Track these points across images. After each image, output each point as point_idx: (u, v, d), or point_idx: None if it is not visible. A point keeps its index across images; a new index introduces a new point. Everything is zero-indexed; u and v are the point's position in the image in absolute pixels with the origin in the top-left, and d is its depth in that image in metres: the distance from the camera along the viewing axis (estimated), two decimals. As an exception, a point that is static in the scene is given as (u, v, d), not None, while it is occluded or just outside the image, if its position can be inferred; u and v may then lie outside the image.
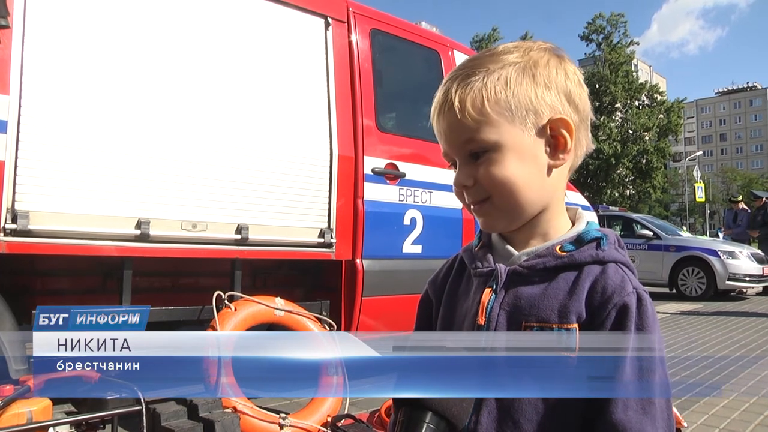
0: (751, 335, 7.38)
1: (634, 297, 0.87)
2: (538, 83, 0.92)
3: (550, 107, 0.92)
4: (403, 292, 4.64)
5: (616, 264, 0.92)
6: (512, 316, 0.92)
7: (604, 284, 0.88)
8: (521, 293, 0.92)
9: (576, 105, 0.95)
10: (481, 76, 0.91)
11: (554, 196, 0.97)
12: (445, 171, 5.01)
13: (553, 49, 0.97)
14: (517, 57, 0.93)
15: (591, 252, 0.92)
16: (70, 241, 3.25)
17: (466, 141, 0.93)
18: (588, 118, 0.98)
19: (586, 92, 0.98)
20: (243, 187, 3.84)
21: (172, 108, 3.64)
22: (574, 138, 0.93)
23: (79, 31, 3.35)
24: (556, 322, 0.88)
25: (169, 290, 4.19)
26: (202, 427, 3.10)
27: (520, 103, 0.90)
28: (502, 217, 0.95)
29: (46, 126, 3.17)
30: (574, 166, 0.98)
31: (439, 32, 5.59)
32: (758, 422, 3.92)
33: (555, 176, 0.95)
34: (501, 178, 0.91)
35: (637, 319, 0.85)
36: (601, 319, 0.86)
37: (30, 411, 2.58)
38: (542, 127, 0.92)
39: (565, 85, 0.94)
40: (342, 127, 4.36)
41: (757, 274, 11.81)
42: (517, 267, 0.94)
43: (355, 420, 3.50)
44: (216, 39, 3.90)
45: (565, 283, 0.90)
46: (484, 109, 0.90)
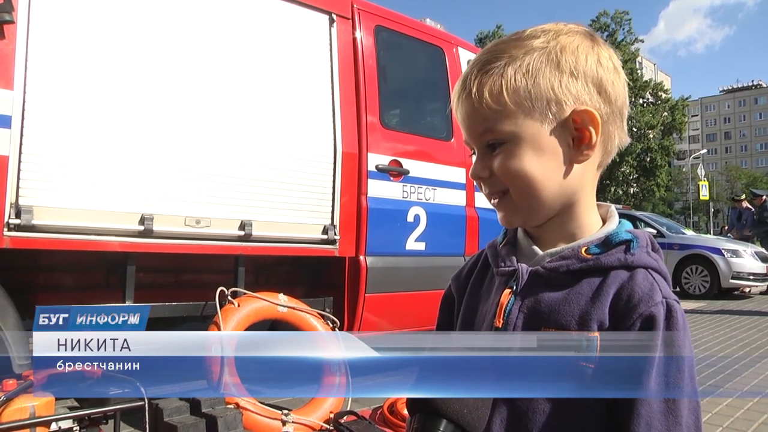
0: (754, 334, 7.36)
1: (663, 307, 0.80)
2: (563, 71, 0.84)
3: (575, 97, 0.85)
4: (407, 289, 4.64)
5: (646, 270, 0.84)
6: (531, 320, 0.86)
7: (631, 291, 0.82)
8: (542, 297, 0.87)
9: (608, 95, 0.87)
10: (502, 63, 0.85)
11: (579, 192, 0.89)
12: (448, 168, 5.01)
13: (585, 32, 0.89)
14: (543, 42, 0.86)
15: (619, 256, 0.85)
16: (74, 236, 3.25)
17: (483, 131, 0.88)
18: (623, 109, 0.90)
19: (623, 80, 0.90)
20: (246, 184, 3.84)
21: (177, 104, 3.63)
22: (600, 131, 0.86)
23: (83, 27, 3.35)
24: (576, 329, 0.82)
25: (172, 286, 4.19)
26: (205, 423, 3.11)
27: (540, 93, 0.84)
28: (519, 213, 0.90)
29: (50, 121, 3.17)
30: (605, 161, 0.92)
31: (443, 29, 5.58)
32: (762, 421, 3.91)
33: (579, 172, 0.88)
34: (516, 172, 0.86)
35: (664, 333, 0.79)
36: (625, 329, 0.80)
37: (33, 406, 2.59)
38: (565, 119, 0.85)
39: (596, 72, 0.86)
40: (346, 123, 4.36)
41: (761, 273, 11.79)
42: (539, 268, 0.89)
43: (357, 417, 3.50)
44: (220, 35, 3.89)
45: (589, 288, 0.84)
46: (502, 98, 0.84)
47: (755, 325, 8.06)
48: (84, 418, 2.70)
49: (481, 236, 5.18)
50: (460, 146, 5.14)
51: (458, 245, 5.05)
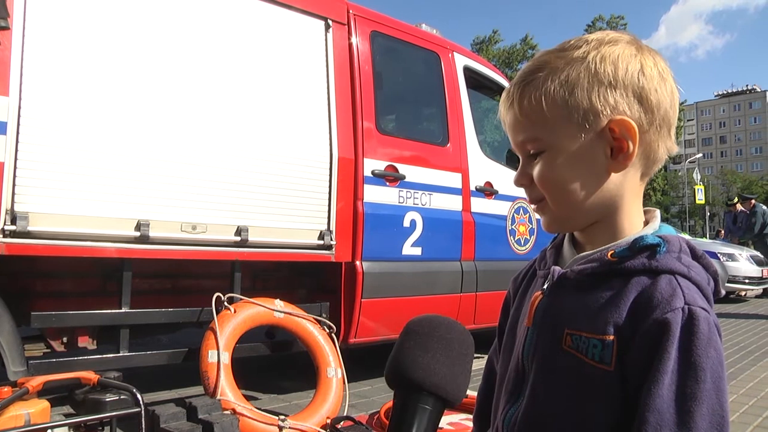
0: (750, 337, 7.38)
1: (682, 314, 0.76)
2: (601, 82, 0.84)
3: (612, 108, 0.84)
4: (403, 294, 4.64)
5: (673, 275, 0.81)
6: (556, 322, 0.87)
7: (650, 296, 0.79)
8: (567, 299, 0.88)
9: (649, 104, 0.85)
10: (543, 74, 0.87)
11: (619, 200, 0.88)
12: (444, 173, 5.02)
13: (629, 40, 0.89)
14: (583, 52, 0.86)
15: (643, 260, 0.82)
16: (70, 242, 3.25)
17: (523, 141, 0.90)
18: (668, 118, 0.88)
19: (669, 86, 0.87)
20: (243, 189, 3.84)
21: (172, 110, 3.64)
22: (639, 141, 0.85)
23: (79, 33, 3.35)
24: (591, 332, 0.81)
25: (168, 292, 4.19)
26: (201, 429, 3.09)
27: (577, 104, 0.84)
28: (556, 220, 0.91)
29: (46, 127, 3.17)
30: (650, 170, 0.91)
31: (439, 34, 5.60)
32: (757, 424, 3.92)
33: (617, 180, 0.87)
34: (551, 181, 0.87)
35: (682, 340, 0.74)
36: (639, 334, 0.77)
37: (28, 413, 2.58)
38: (602, 129, 0.85)
39: (637, 81, 0.85)
40: (342, 129, 4.37)
41: (757, 276, 11.81)
42: (567, 271, 0.89)
43: (354, 422, 3.49)
44: (216, 41, 3.90)
45: (611, 292, 0.83)
46: (541, 109, 0.86)
47: (751, 329, 8.08)
48: (80, 425, 2.69)
49: (478, 241, 5.19)
50: (456, 151, 5.15)
51: (454, 250, 5.06)
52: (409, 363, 0.74)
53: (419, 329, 0.78)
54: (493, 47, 53.86)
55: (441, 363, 0.73)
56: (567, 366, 0.83)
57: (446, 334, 0.77)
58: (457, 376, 0.75)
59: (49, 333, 3.57)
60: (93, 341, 3.68)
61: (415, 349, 0.75)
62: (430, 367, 0.73)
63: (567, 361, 0.83)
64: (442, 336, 0.76)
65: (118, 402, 2.85)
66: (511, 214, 5.54)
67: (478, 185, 5.27)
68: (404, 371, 0.74)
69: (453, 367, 0.74)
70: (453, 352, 0.75)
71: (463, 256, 5.10)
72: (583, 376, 0.80)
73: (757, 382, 5.03)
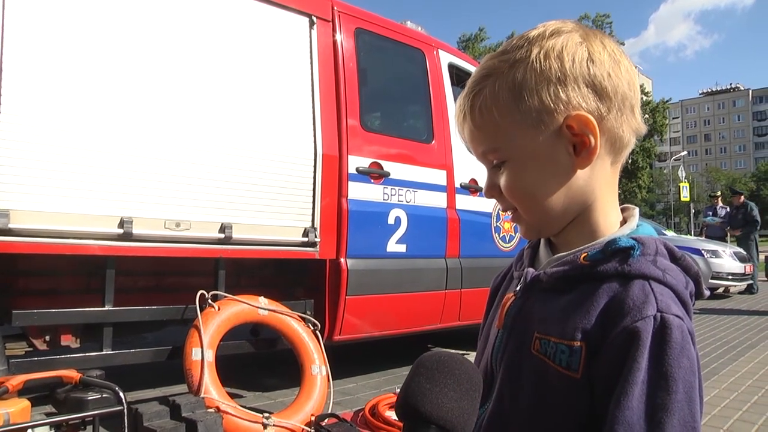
0: (732, 332, 7.46)
1: (653, 322, 0.72)
2: (549, 79, 0.80)
3: (565, 103, 0.80)
4: (388, 291, 4.65)
5: (646, 280, 0.77)
6: (526, 325, 0.85)
7: (621, 302, 0.75)
8: (538, 301, 0.85)
9: (605, 91, 0.81)
10: (491, 81, 0.84)
11: (592, 196, 0.85)
12: (429, 170, 5.03)
13: (572, 29, 0.84)
14: (526, 51, 0.82)
15: (615, 264, 0.78)
16: (52, 240, 3.22)
17: (484, 152, 0.87)
18: (627, 99, 0.83)
19: (623, 67, 0.83)
20: (226, 186, 3.83)
21: (156, 106, 3.62)
22: (599, 132, 0.81)
23: (59, 29, 3.32)
24: (559, 337, 0.78)
25: (152, 289, 4.17)
26: (185, 427, 3.08)
27: (529, 107, 0.81)
28: (531, 228, 0.89)
29: (27, 123, 3.14)
30: (620, 158, 0.87)
31: (424, 32, 5.60)
32: (737, 418, 3.97)
33: (586, 176, 0.84)
34: (518, 190, 0.85)
35: (653, 350, 0.71)
36: (608, 342, 0.74)
37: (7, 412, 2.56)
38: (559, 127, 0.81)
39: (587, 70, 0.81)
40: (326, 125, 4.36)
41: (740, 273, 11.94)
42: (540, 273, 0.87)
43: (338, 419, 3.50)
44: (200, 38, 3.88)
45: (582, 297, 0.79)
46: (493, 118, 0.83)
47: (734, 324, 8.17)
48: (62, 424, 2.67)
49: (462, 238, 5.21)
50: (440, 148, 5.16)
51: (439, 247, 5.07)
52: (418, 396, 0.75)
53: (430, 364, 0.79)
54: (480, 45, 53.95)
55: (449, 398, 0.73)
56: (534, 370, 0.81)
57: (456, 369, 0.77)
58: (464, 410, 0.75)
59: (32, 331, 3.54)
60: (76, 340, 3.66)
61: (424, 383, 0.76)
62: (438, 401, 0.72)
63: (534, 365, 0.81)
64: (452, 371, 0.76)
65: (100, 400, 2.84)
66: (496, 211, 5.56)
67: (462, 182, 5.28)
68: (413, 403, 0.74)
69: (461, 402, 0.74)
70: (462, 387, 0.74)
71: (447, 253, 5.12)
72: (549, 381, 0.78)
73: (739, 376, 5.09)
